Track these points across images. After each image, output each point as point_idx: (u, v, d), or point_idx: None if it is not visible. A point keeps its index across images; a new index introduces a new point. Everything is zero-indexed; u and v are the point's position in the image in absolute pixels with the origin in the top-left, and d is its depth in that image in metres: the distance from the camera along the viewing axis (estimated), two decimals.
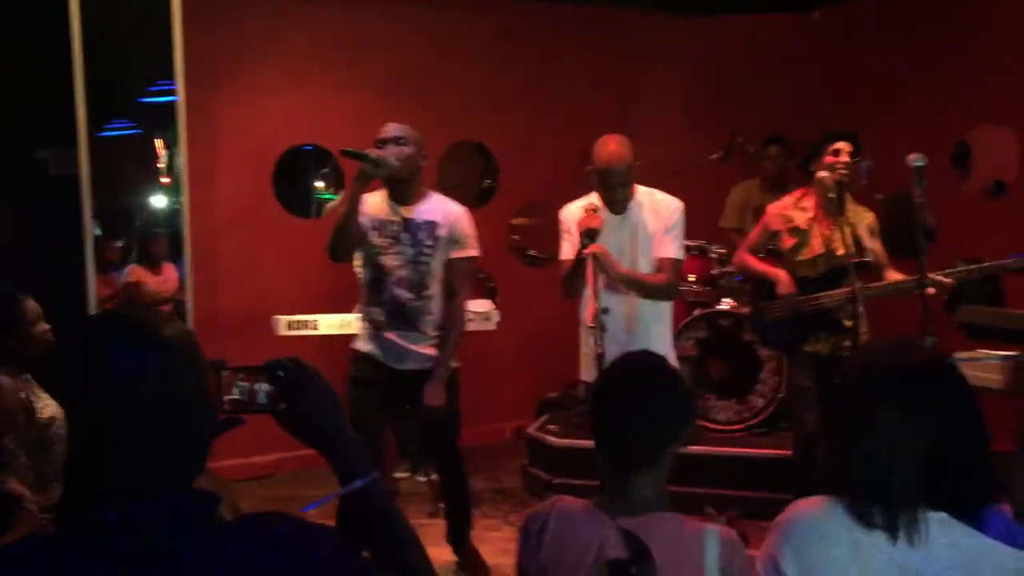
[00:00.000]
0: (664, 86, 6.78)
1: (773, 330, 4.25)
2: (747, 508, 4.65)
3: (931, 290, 3.66)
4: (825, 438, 1.69)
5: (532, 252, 6.90)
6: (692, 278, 5.51)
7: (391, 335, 3.75)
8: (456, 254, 3.74)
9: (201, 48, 5.40)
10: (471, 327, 4.93)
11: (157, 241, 5.74)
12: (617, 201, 3.64)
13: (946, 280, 3.71)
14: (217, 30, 5.57)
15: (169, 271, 5.73)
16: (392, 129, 3.68)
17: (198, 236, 5.46)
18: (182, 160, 5.26)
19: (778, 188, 5.79)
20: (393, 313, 3.73)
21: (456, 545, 4.12)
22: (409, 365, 3.77)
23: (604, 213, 3.61)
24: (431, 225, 3.72)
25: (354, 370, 3.83)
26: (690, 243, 5.46)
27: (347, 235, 3.58)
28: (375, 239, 3.71)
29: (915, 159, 3.54)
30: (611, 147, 3.58)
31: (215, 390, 1.38)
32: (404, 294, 3.71)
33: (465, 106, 6.37)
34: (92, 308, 4.96)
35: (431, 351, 3.77)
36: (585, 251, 3.42)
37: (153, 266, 6.48)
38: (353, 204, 3.54)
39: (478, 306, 5.01)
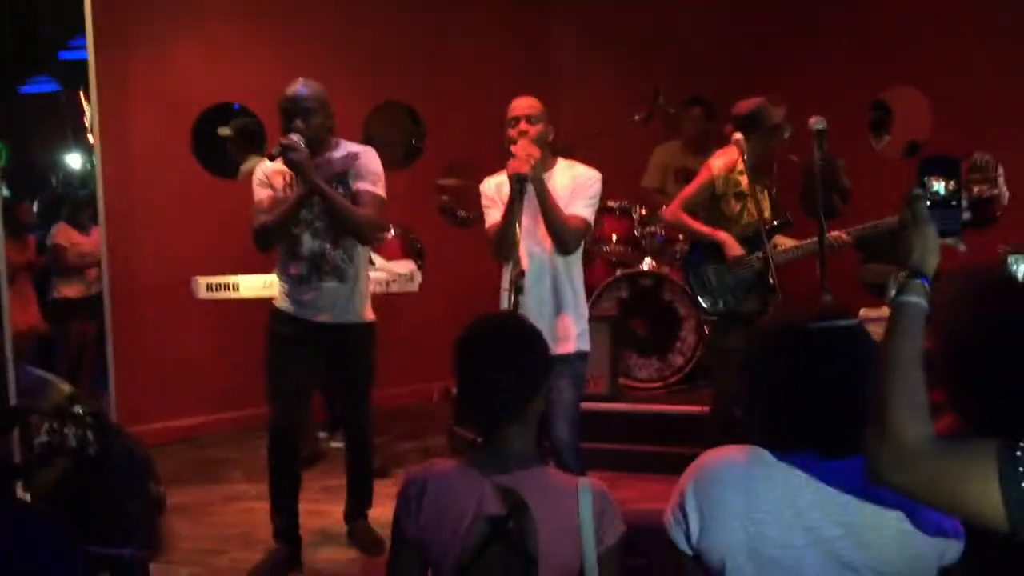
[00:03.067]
0: (590, 46, 6.79)
1: (710, 292, 4.28)
2: (667, 464, 4.76)
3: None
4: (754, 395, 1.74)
5: (461, 213, 6.89)
6: (614, 238, 5.57)
7: (313, 289, 3.72)
8: (359, 185, 3.68)
9: (114, 3, 5.25)
10: (394, 288, 4.94)
11: (89, 201, 5.62)
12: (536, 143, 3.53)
13: (845, 237, 3.82)
14: None
15: (97, 233, 5.61)
16: (298, 96, 3.61)
17: (113, 196, 5.34)
18: (94, 119, 5.12)
19: (700, 150, 5.84)
20: (313, 266, 3.70)
21: (351, 520, 4.08)
22: (332, 317, 3.75)
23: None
24: (341, 174, 3.69)
25: (274, 327, 3.80)
26: (613, 204, 5.52)
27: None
28: (288, 195, 3.66)
29: (815, 122, 3.62)
30: (519, 98, 3.59)
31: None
32: (323, 245, 3.69)
33: (391, 65, 6.32)
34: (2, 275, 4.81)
35: (355, 301, 3.78)
36: (521, 169, 3.34)
37: (83, 227, 6.34)
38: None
39: (401, 267, 5.00)
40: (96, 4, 5.01)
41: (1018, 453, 1.35)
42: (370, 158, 3.75)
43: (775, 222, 4.22)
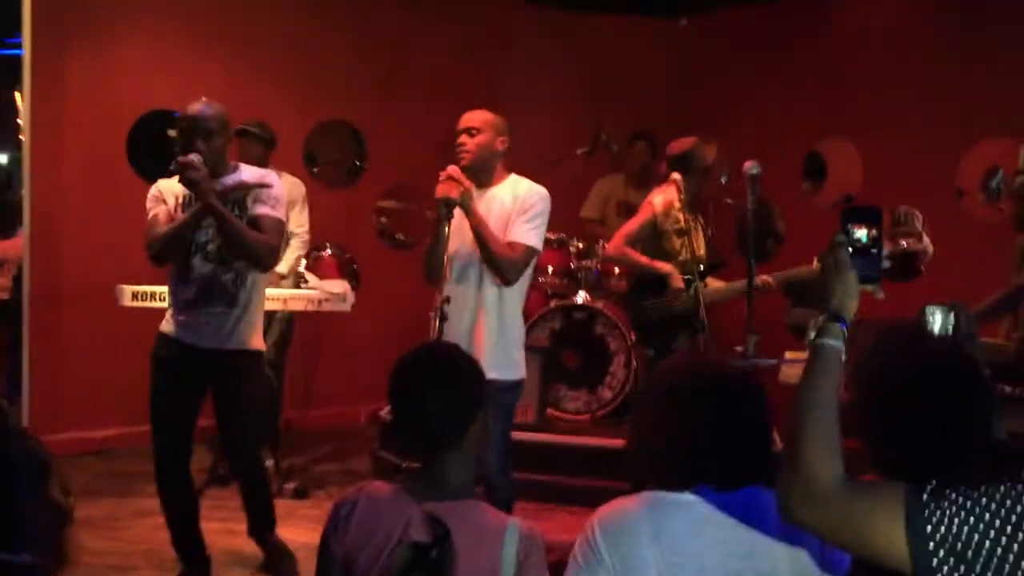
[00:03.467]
0: (532, 78, 6.85)
1: (647, 327, 4.35)
2: (593, 496, 4.77)
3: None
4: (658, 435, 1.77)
5: (399, 235, 6.86)
6: (550, 269, 5.59)
7: (201, 313, 3.57)
8: (259, 210, 3.56)
9: (54, 2, 5.15)
10: (326, 307, 4.87)
11: (15, 202, 5.46)
12: (465, 161, 3.47)
13: (771, 281, 3.91)
14: None
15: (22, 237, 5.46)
16: (201, 116, 3.50)
17: (40, 199, 5.21)
18: (26, 118, 5.00)
19: (642, 184, 5.95)
20: (203, 289, 3.56)
21: (255, 537, 3.93)
22: (212, 343, 3.59)
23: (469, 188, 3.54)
24: (239, 198, 3.57)
25: (158, 352, 3.65)
26: (551, 236, 5.53)
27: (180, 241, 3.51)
28: (180, 215, 3.54)
29: (750, 167, 3.70)
30: (469, 112, 3.55)
31: None
32: (214, 268, 3.55)
33: (337, 84, 6.28)
34: None
35: (243, 329, 3.63)
36: (450, 193, 3.28)
37: (8, 229, 6.14)
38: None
39: (333, 286, 4.93)
40: (35, 2, 4.90)
41: (924, 496, 1.38)
42: (272, 181, 3.64)
43: (709, 262, 4.30)
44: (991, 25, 5.56)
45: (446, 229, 3.33)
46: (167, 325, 3.66)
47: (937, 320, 1.76)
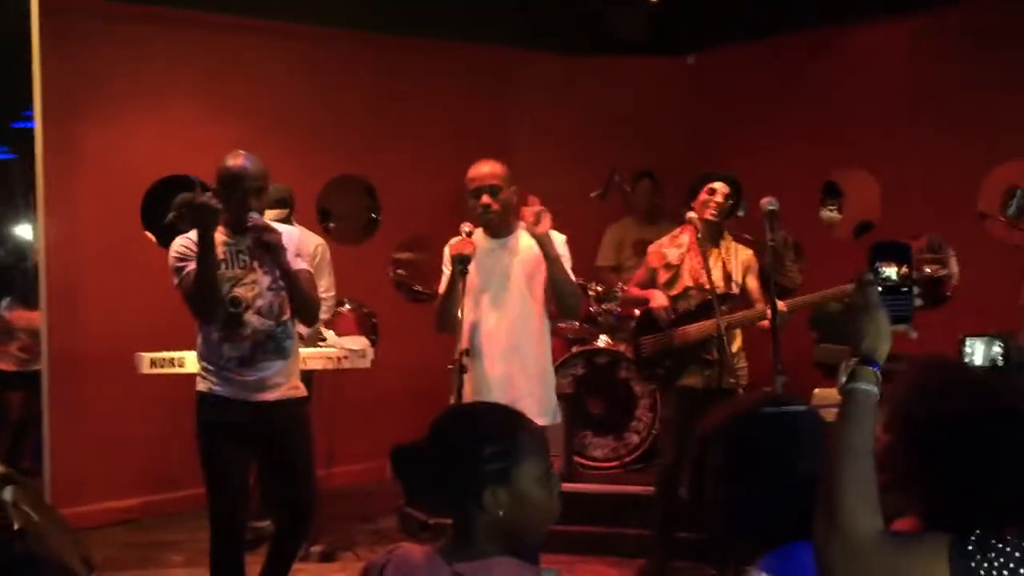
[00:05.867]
0: (544, 124, 6.85)
1: (647, 364, 4.30)
2: (623, 545, 4.66)
3: (765, 323, 3.86)
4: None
5: (417, 287, 6.83)
6: (616, 306, 5.56)
7: (257, 370, 3.60)
8: (298, 266, 3.62)
9: (64, 75, 5.20)
10: (345, 364, 4.83)
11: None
12: (493, 220, 3.56)
13: (783, 308, 3.85)
14: (81, 56, 5.39)
15: None
16: (248, 174, 3.53)
17: (56, 267, 5.22)
18: (39, 187, 5.03)
19: (651, 222, 5.94)
20: (259, 344, 3.59)
21: None
22: (270, 395, 3.63)
23: (486, 242, 3.57)
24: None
25: (208, 416, 3.63)
26: None
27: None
28: (224, 272, 3.56)
29: (767, 203, 3.65)
30: (482, 164, 3.58)
31: None
32: (267, 323, 3.59)
33: (347, 139, 6.30)
34: None
35: (293, 378, 3.70)
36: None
37: (30, 301, 6.18)
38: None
39: (353, 343, 4.90)
40: (46, 73, 4.96)
41: (969, 547, 1.32)
42: (303, 238, 3.77)
43: (719, 293, 4.21)
44: (1006, 48, 5.51)
45: (460, 285, 3.36)
46: (213, 385, 3.62)
47: (979, 352, 1.69)
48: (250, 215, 3.48)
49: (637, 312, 4.57)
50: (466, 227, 3.53)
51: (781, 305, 3.85)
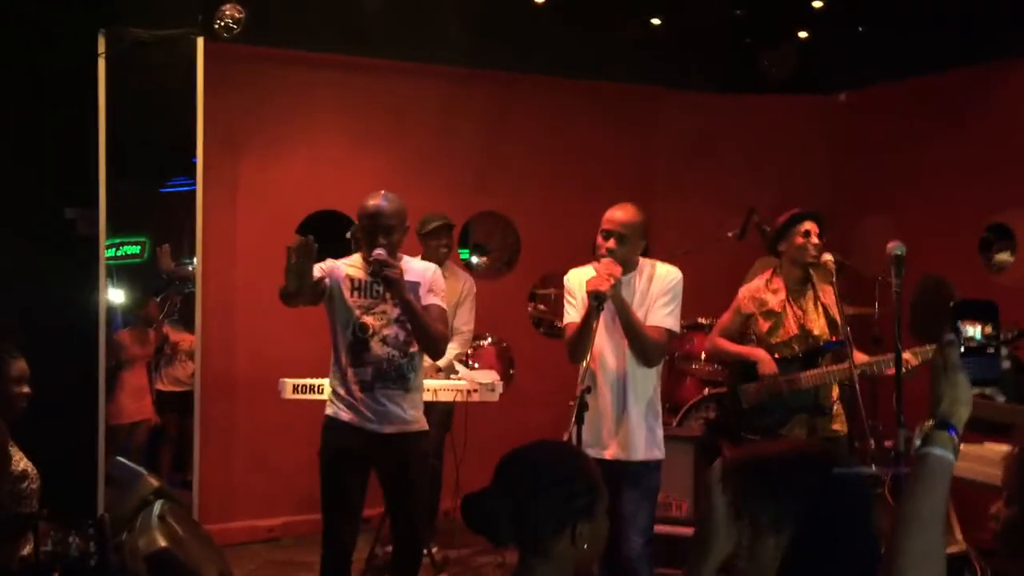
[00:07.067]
0: (684, 162, 6.79)
1: (752, 414, 4.17)
2: None
3: (890, 370, 3.71)
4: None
5: (557, 323, 6.87)
6: (703, 356, 5.43)
7: (374, 397, 3.72)
8: (430, 300, 3.77)
9: (225, 115, 5.55)
10: (475, 397, 4.90)
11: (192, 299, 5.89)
12: (619, 261, 3.58)
13: (913, 360, 3.65)
14: (239, 98, 5.73)
15: None
16: (382, 212, 3.70)
17: (212, 294, 5.54)
18: (199, 218, 5.38)
19: None
20: (380, 371, 3.72)
21: None
22: (393, 427, 3.74)
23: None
24: (414, 285, 3.77)
25: (332, 439, 3.78)
26: (703, 320, 5.42)
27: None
28: (356, 299, 3.73)
29: (894, 247, 3.51)
30: (618, 208, 3.63)
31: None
32: (391, 352, 3.72)
33: (488, 176, 6.43)
34: (101, 366, 5.03)
35: (414, 411, 3.80)
36: (600, 287, 3.36)
37: (186, 324, 6.62)
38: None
39: (483, 376, 4.98)
40: (208, 112, 5.30)
41: None
42: (439, 275, 3.87)
43: (823, 341, 4.05)
44: None
45: (595, 321, 3.41)
46: (339, 411, 3.78)
47: None
48: (376, 251, 3.62)
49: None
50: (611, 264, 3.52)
51: (913, 358, 3.67)
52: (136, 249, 10.50)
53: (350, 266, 3.83)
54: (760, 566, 1.51)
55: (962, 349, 1.42)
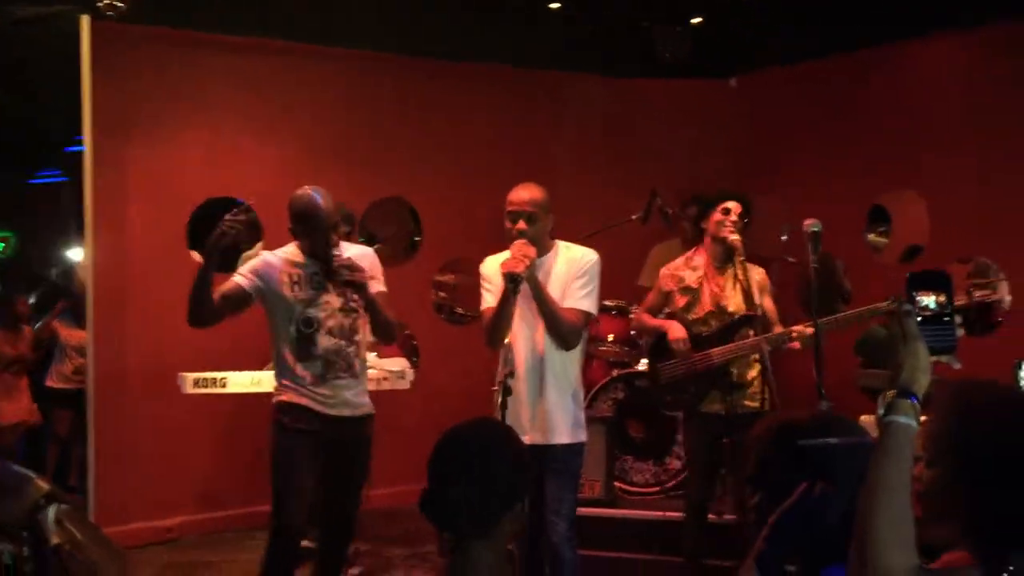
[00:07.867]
0: (584, 146, 6.85)
1: (668, 390, 4.22)
2: (664, 573, 4.59)
3: (795, 344, 3.84)
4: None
5: (459, 310, 6.84)
6: (611, 338, 5.49)
7: (327, 387, 3.67)
8: (375, 289, 3.70)
9: (113, 99, 5.30)
10: (385, 385, 4.84)
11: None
12: (531, 240, 3.53)
13: (807, 330, 3.79)
14: (130, 81, 5.49)
15: None
16: (322, 214, 3.61)
17: (105, 288, 5.30)
18: (88, 208, 5.13)
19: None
20: (330, 363, 3.67)
21: None
22: (344, 411, 3.72)
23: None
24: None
25: (286, 419, 3.70)
26: (609, 303, 5.46)
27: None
28: (297, 293, 3.64)
29: (810, 225, 3.61)
30: (521, 188, 3.59)
31: None
32: (338, 343, 3.67)
33: (388, 162, 6.34)
34: None
35: (365, 395, 3.82)
36: (515, 269, 3.32)
37: (81, 320, 6.32)
38: None
39: (392, 364, 4.91)
40: (96, 95, 5.05)
41: None
42: (376, 259, 3.82)
43: (743, 315, 4.11)
44: None
45: (512, 304, 3.39)
46: (298, 397, 3.69)
47: None
48: (336, 254, 3.56)
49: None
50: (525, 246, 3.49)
51: (807, 329, 3.80)
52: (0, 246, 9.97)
53: (285, 259, 3.71)
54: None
55: (919, 319, 1.45)
